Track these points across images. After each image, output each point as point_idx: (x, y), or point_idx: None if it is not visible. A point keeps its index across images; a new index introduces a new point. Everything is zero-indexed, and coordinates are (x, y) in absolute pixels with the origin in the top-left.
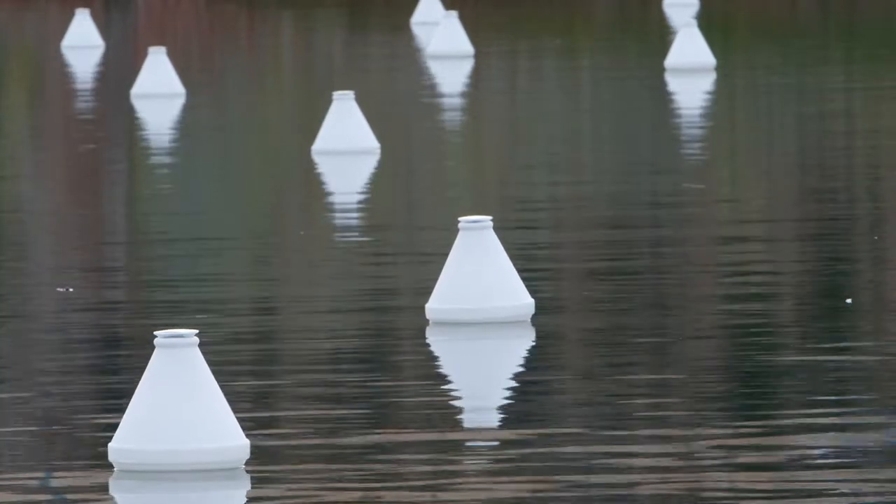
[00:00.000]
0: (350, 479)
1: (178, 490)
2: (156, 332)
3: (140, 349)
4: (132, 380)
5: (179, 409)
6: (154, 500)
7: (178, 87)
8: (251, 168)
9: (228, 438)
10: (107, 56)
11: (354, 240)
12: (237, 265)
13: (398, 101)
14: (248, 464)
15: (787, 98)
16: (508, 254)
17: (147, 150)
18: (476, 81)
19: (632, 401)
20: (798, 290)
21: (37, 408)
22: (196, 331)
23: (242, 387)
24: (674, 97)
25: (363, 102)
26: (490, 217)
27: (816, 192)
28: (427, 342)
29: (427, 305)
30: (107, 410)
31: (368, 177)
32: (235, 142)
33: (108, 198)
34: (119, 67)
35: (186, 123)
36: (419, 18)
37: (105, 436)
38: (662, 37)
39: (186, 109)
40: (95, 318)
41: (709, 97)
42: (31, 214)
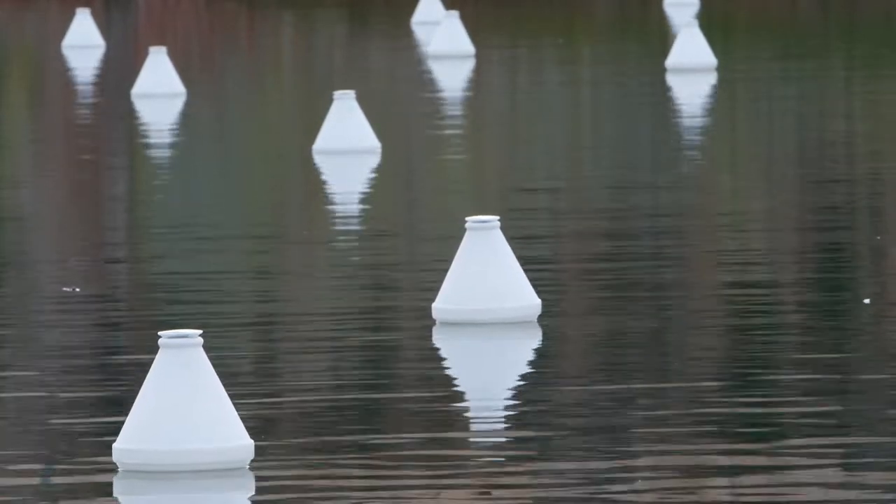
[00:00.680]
0: (354, 480)
1: (183, 490)
2: (160, 333)
3: (142, 349)
4: (134, 380)
5: (184, 410)
6: (158, 501)
7: (179, 87)
8: (252, 168)
9: (233, 439)
10: (107, 56)
11: (355, 240)
12: (238, 265)
13: (399, 101)
14: (253, 464)
15: (788, 98)
16: None
17: (147, 150)
18: (477, 81)
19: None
20: (799, 291)
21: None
22: (200, 331)
23: (245, 387)
24: (674, 97)
25: (364, 102)
26: (497, 217)
27: (817, 192)
28: (433, 342)
29: (434, 305)
30: (110, 411)
31: (369, 177)
32: (236, 141)
33: (109, 197)
34: (119, 67)
35: (187, 123)
36: (419, 18)
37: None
38: (663, 37)
39: (187, 109)
40: (96, 319)
41: (709, 97)
42: (32, 215)
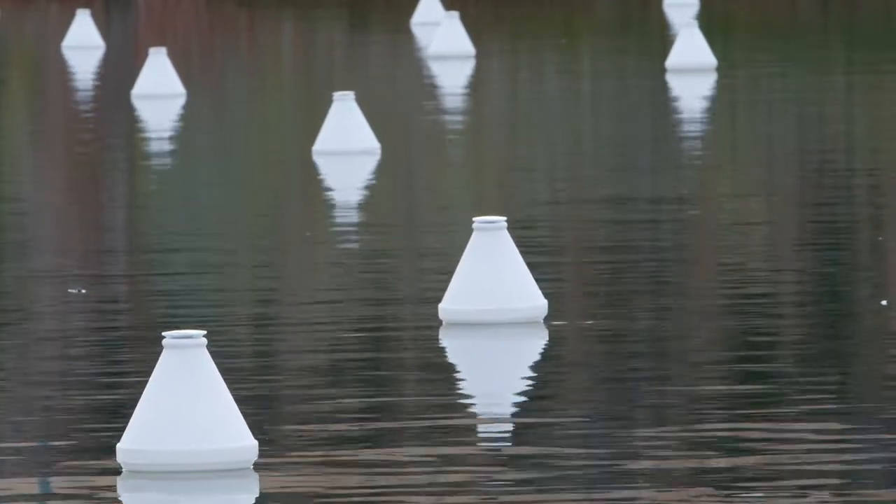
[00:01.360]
0: (359, 481)
1: (187, 491)
2: (164, 333)
3: (144, 350)
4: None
5: (188, 410)
6: (162, 501)
7: (179, 88)
8: (251, 168)
9: (237, 439)
10: (107, 56)
11: (355, 240)
12: (238, 265)
13: (398, 102)
14: (257, 464)
15: (788, 98)
16: None
17: (147, 151)
18: (477, 82)
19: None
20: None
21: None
22: (204, 332)
23: (248, 387)
24: (674, 97)
25: (363, 103)
26: (505, 218)
27: (817, 192)
28: (440, 342)
29: (440, 306)
30: (114, 411)
31: (369, 177)
32: (236, 142)
33: (109, 198)
34: (119, 68)
35: (187, 124)
36: (419, 19)
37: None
38: (663, 37)
39: (187, 109)
40: (97, 319)
41: (709, 97)
42: (32, 215)
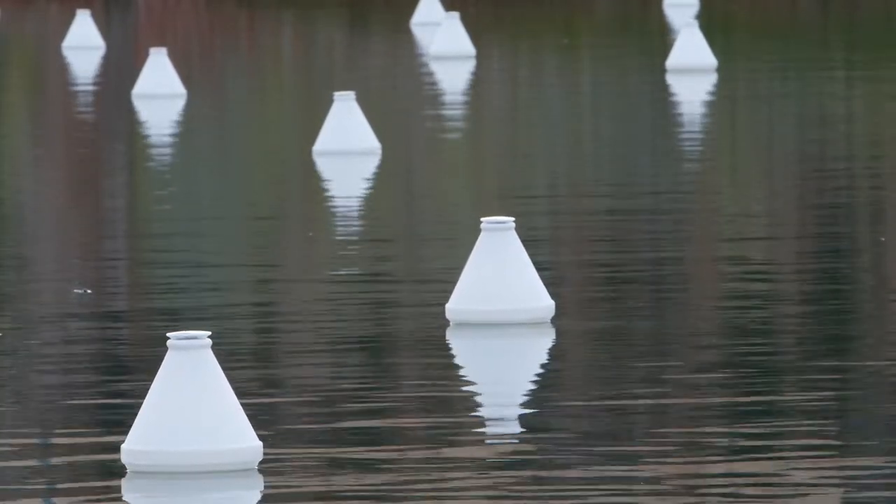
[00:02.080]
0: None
1: (192, 492)
2: (169, 334)
3: (146, 350)
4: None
5: (193, 411)
6: (167, 502)
7: (179, 88)
8: (252, 168)
9: (242, 440)
10: (107, 57)
11: (355, 240)
12: (239, 265)
13: (399, 102)
14: (262, 465)
15: (788, 98)
16: None
17: (148, 150)
18: (477, 82)
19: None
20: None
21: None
22: (209, 332)
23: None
24: (674, 97)
25: (364, 103)
26: (513, 218)
27: (818, 193)
28: (447, 342)
29: (447, 306)
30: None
31: (369, 177)
32: (236, 142)
33: (109, 198)
34: (119, 68)
35: (187, 124)
36: (419, 19)
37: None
38: (663, 37)
39: (187, 109)
40: (98, 320)
41: (709, 97)
42: (32, 216)
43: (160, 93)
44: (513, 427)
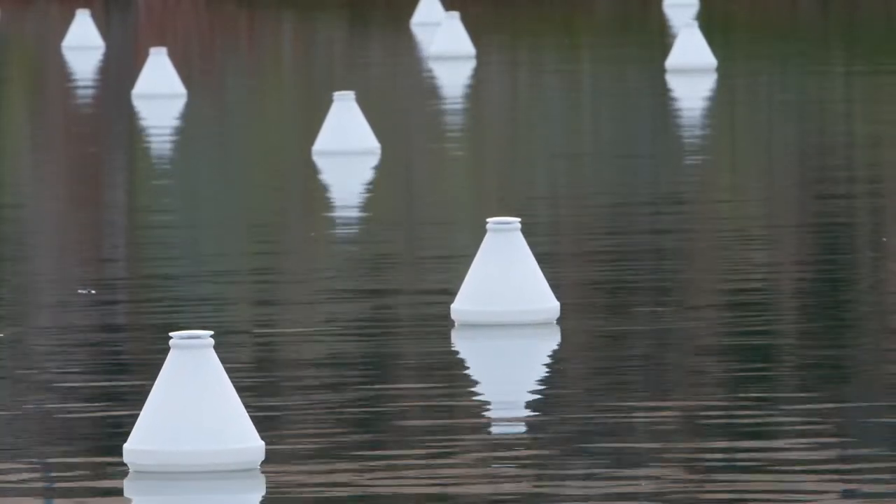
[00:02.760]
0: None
1: (194, 492)
2: (171, 334)
3: (146, 350)
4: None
5: (195, 411)
6: (169, 502)
7: (179, 88)
8: (252, 168)
9: (244, 440)
10: (107, 56)
11: (356, 240)
12: (239, 266)
13: (399, 102)
14: (264, 465)
15: (788, 98)
16: None
17: (148, 151)
18: (477, 82)
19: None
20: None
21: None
22: (211, 332)
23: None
24: (674, 97)
25: (363, 103)
26: (519, 219)
27: (818, 193)
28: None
29: (453, 306)
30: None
31: (369, 177)
32: (236, 142)
33: (109, 198)
34: (119, 68)
35: (187, 124)
36: (419, 19)
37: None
38: (663, 37)
39: (187, 109)
40: (99, 319)
41: (709, 97)
42: (32, 216)
43: (160, 93)
44: (517, 428)
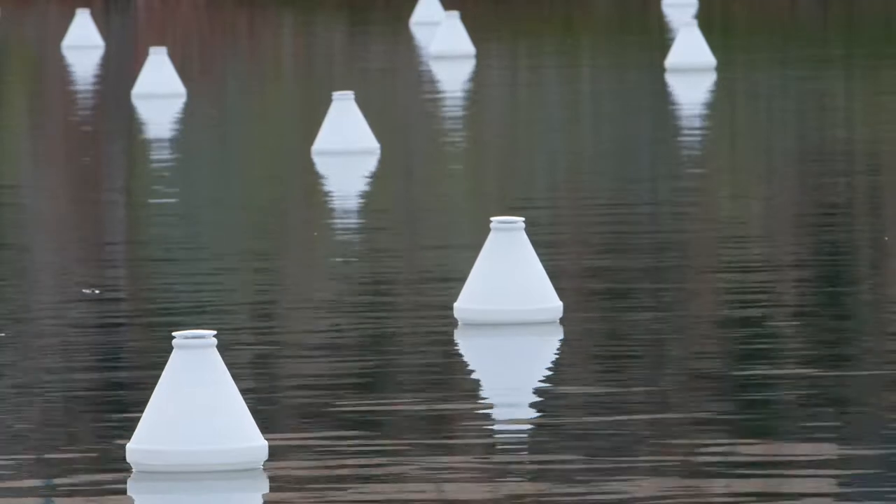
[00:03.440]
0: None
1: (197, 491)
2: (174, 333)
3: (147, 350)
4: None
5: (198, 410)
6: (172, 501)
7: (179, 88)
8: (251, 168)
9: (247, 439)
10: (107, 56)
11: (356, 240)
12: (239, 266)
13: (398, 102)
14: (267, 464)
15: (787, 98)
16: None
17: (148, 150)
18: (477, 82)
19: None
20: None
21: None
22: (214, 331)
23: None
24: (674, 97)
25: (363, 103)
26: (523, 218)
27: (817, 192)
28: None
29: (456, 305)
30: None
31: (368, 177)
32: (236, 142)
33: (109, 198)
34: (119, 68)
35: (187, 123)
36: (418, 19)
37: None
38: (662, 36)
39: (187, 110)
40: (101, 319)
41: (709, 97)
42: (31, 216)
43: (160, 93)
44: (520, 427)
